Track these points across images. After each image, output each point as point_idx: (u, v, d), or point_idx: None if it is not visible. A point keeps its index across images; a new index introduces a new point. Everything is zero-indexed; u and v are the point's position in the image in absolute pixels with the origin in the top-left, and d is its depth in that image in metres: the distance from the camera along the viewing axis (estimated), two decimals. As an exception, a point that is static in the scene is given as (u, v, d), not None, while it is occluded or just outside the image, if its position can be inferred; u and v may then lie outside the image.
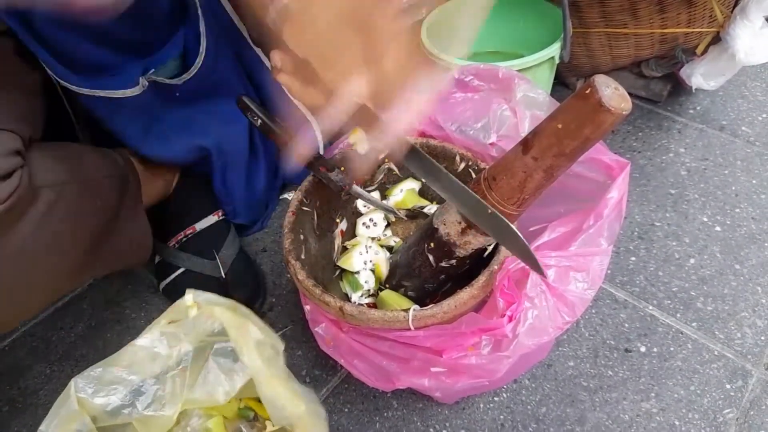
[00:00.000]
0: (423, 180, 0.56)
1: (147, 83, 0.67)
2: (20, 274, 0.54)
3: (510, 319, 0.52)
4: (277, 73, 0.47)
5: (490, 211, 0.50)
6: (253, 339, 0.53)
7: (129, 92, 0.67)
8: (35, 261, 0.55)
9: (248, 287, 0.81)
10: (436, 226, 0.60)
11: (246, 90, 0.81)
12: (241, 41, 0.79)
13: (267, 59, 0.80)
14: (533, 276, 0.53)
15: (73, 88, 0.66)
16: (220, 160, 0.81)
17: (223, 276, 0.80)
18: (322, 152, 0.89)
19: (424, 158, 0.51)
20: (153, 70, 0.68)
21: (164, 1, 0.69)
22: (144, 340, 0.55)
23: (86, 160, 0.66)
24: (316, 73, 0.42)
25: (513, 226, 0.50)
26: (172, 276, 0.81)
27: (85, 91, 0.66)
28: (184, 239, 0.83)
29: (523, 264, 0.53)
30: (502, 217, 0.50)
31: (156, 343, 0.55)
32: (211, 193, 0.87)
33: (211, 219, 0.85)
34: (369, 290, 0.68)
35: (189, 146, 0.78)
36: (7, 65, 0.60)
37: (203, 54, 0.71)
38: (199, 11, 0.70)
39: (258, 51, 0.79)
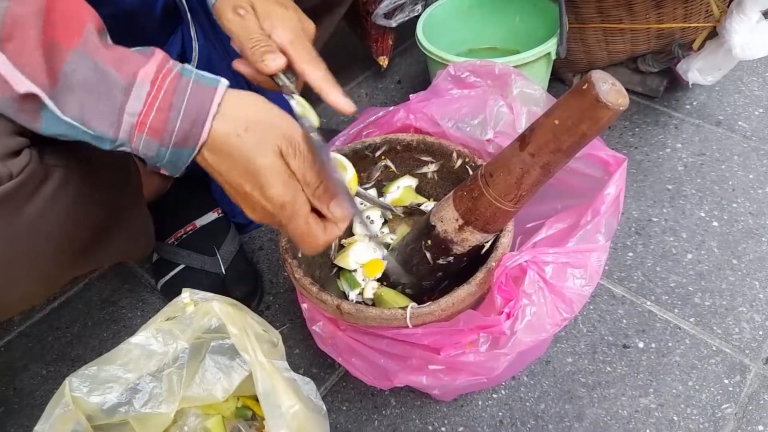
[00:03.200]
0: None
1: None
2: (33, 251, 0.53)
3: (508, 316, 0.52)
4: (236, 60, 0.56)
5: None
6: (252, 332, 0.53)
7: None
8: (46, 239, 0.54)
9: (247, 284, 0.81)
10: (433, 224, 0.60)
11: (240, 85, 0.80)
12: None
13: None
14: (531, 273, 0.53)
15: None
16: None
17: (224, 272, 0.80)
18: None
19: None
20: None
21: (158, 8, 0.68)
22: (139, 338, 0.55)
23: (91, 146, 0.65)
24: None
25: None
26: (172, 273, 0.81)
27: None
28: (184, 236, 0.83)
29: (521, 261, 0.53)
30: None
31: (151, 341, 0.55)
32: (210, 190, 0.87)
33: (211, 216, 0.85)
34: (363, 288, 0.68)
35: None
36: None
37: (196, 59, 0.71)
38: (188, 16, 0.69)
39: None
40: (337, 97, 0.52)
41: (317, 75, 0.53)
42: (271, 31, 0.54)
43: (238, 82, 0.80)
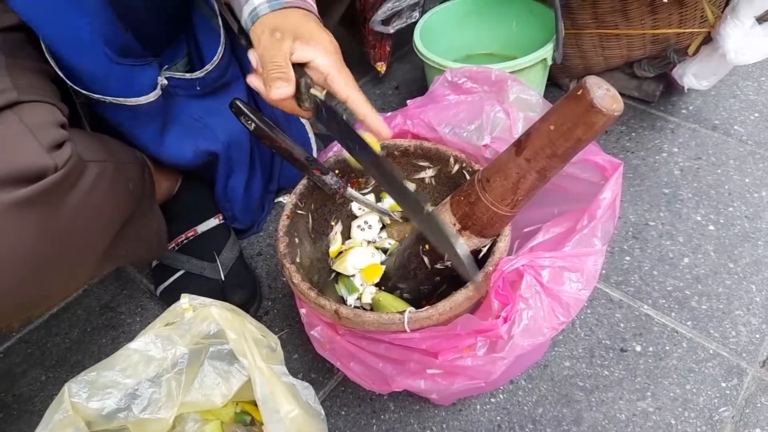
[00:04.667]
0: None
1: (165, 81, 0.68)
2: (69, 244, 0.54)
3: (505, 320, 0.52)
4: (251, 74, 0.58)
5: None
6: (251, 337, 0.54)
7: (145, 99, 0.67)
8: (81, 233, 0.55)
9: (246, 290, 0.81)
10: (430, 228, 0.60)
11: (247, 95, 0.81)
12: (240, 46, 0.79)
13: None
14: (528, 277, 0.53)
15: (92, 96, 0.64)
16: (226, 165, 0.82)
17: (223, 278, 0.80)
18: (315, 154, 0.89)
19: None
20: (167, 66, 0.68)
21: (171, 4, 0.69)
22: (138, 344, 0.55)
23: (115, 145, 0.67)
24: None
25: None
26: (171, 279, 0.81)
27: (108, 99, 0.65)
28: (185, 241, 0.83)
29: (518, 265, 0.54)
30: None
31: (150, 347, 0.55)
32: (211, 197, 0.87)
33: (212, 222, 0.85)
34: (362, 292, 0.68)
35: (199, 151, 0.78)
36: (27, 55, 0.60)
37: (223, 45, 0.72)
38: (215, 5, 0.70)
39: None
40: (379, 124, 0.56)
41: (361, 102, 0.57)
42: (314, 58, 0.56)
43: (254, 95, 0.81)
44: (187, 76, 0.70)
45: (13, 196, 0.46)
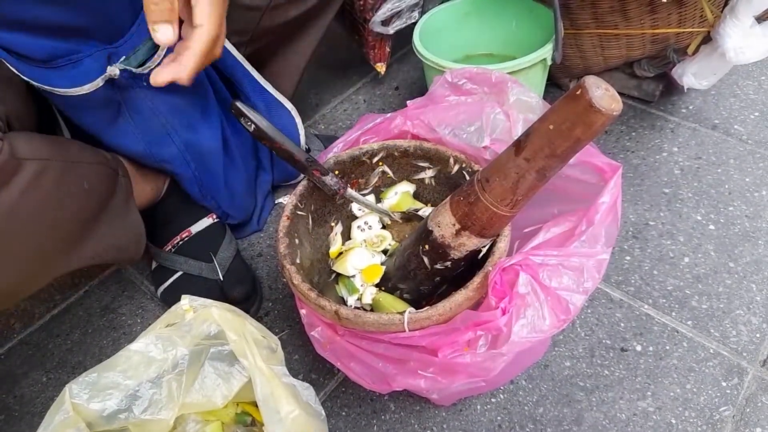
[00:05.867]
0: None
1: (118, 71, 0.64)
2: (11, 240, 0.53)
3: (503, 312, 0.52)
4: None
5: None
6: (251, 338, 0.54)
7: (82, 89, 0.64)
8: (19, 233, 0.54)
9: (246, 289, 0.81)
10: (430, 228, 0.60)
11: (216, 85, 0.78)
12: None
13: (236, 50, 0.78)
14: (526, 276, 0.53)
15: (34, 83, 0.63)
16: (189, 168, 0.79)
17: (221, 278, 0.80)
18: (303, 144, 0.88)
19: None
20: (124, 57, 0.64)
21: None
22: (139, 345, 0.55)
23: (70, 145, 0.65)
24: None
25: None
26: (170, 280, 0.81)
27: (37, 86, 0.63)
28: (180, 243, 0.83)
29: (515, 264, 0.54)
30: None
31: (151, 348, 0.55)
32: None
33: (206, 221, 0.85)
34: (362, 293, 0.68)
35: (151, 155, 0.76)
36: None
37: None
38: None
39: (227, 43, 0.76)
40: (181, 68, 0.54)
41: (198, 40, 0.53)
42: None
43: (217, 84, 0.79)
44: (133, 70, 0.65)
45: None
